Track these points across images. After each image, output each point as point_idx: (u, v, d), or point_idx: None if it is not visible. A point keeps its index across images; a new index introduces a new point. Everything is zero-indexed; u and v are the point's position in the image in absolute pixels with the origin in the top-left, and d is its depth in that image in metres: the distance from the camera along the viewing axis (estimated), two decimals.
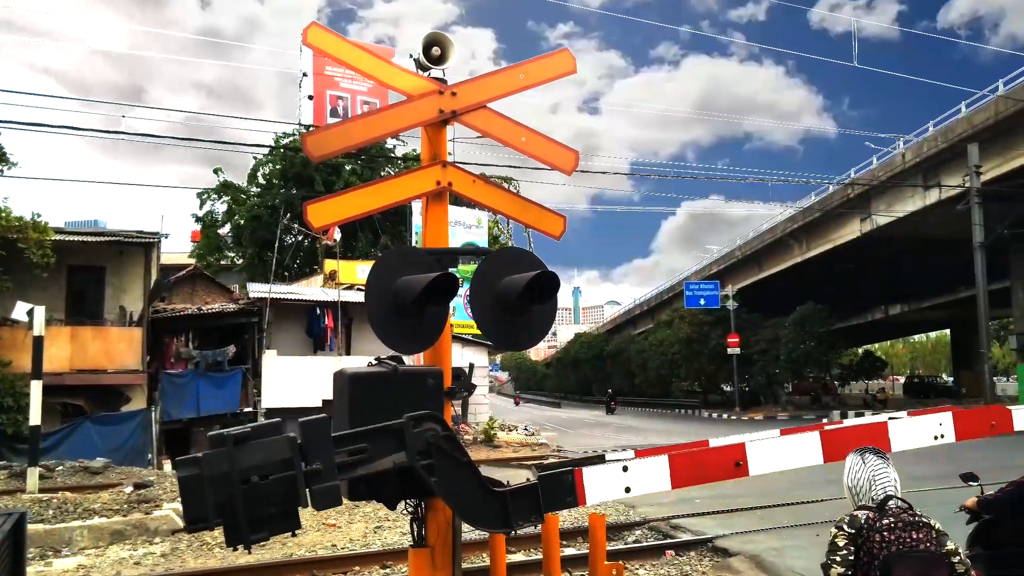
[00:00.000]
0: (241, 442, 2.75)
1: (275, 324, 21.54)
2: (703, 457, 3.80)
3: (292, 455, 2.81)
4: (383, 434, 3.07)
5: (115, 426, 18.40)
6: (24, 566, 4.00)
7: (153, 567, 8.46)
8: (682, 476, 3.66)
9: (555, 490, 3.45)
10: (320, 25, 4.12)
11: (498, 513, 3.29)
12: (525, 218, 4.51)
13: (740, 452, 3.79)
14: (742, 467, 3.77)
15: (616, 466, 3.59)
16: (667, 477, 3.63)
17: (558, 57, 4.48)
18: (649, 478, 3.62)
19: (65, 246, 18.32)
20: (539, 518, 3.43)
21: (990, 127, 25.74)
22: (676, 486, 3.65)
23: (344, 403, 3.41)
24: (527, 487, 3.36)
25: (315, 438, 2.89)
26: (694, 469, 3.71)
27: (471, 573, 6.84)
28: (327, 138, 3.86)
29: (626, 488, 3.56)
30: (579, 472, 3.49)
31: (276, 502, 2.78)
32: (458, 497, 3.24)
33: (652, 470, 3.63)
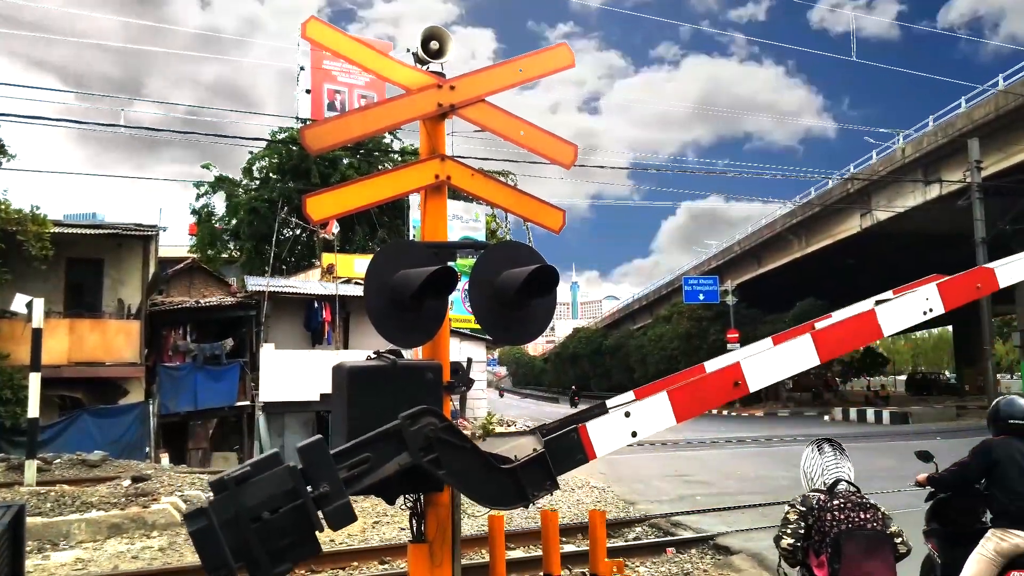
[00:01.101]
0: (242, 482, 2.74)
1: (273, 317, 21.52)
2: (702, 385, 3.73)
3: (296, 483, 2.81)
4: (382, 439, 3.06)
5: (113, 419, 18.41)
6: (23, 559, 3.98)
7: (151, 561, 8.45)
8: (684, 409, 3.63)
9: (563, 452, 3.44)
10: (319, 19, 4.09)
11: (512, 489, 3.29)
12: (524, 211, 4.48)
13: (736, 372, 3.74)
14: (741, 386, 3.73)
15: (618, 414, 3.56)
16: (670, 413, 3.60)
17: (556, 52, 4.45)
18: (653, 418, 3.59)
19: (63, 239, 18.29)
20: (553, 484, 3.40)
21: (990, 122, 25.70)
22: (681, 419, 3.62)
23: (342, 397, 3.39)
24: (535, 457, 3.34)
25: (315, 460, 2.88)
26: (695, 399, 3.68)
27: (470, 569, 6.83)
28: (325, 131, 3.83)
29: (632, 432, 3.54)
30: (583, 428, 3.48)
31: (291, 532, 2.79)
32: (470, 483, 3.25)
33: (654, 410, 3.60)
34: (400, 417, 3.08)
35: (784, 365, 3.85)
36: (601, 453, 3.48)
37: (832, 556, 3.19)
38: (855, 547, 3.17)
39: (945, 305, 4.16)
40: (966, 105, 27.27)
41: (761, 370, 3.77)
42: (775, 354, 3.89)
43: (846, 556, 3.15)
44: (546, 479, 3.36)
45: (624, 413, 3.56)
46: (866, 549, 3.17)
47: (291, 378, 20.02)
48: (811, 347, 3.87)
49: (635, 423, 3.54)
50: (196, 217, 35.80)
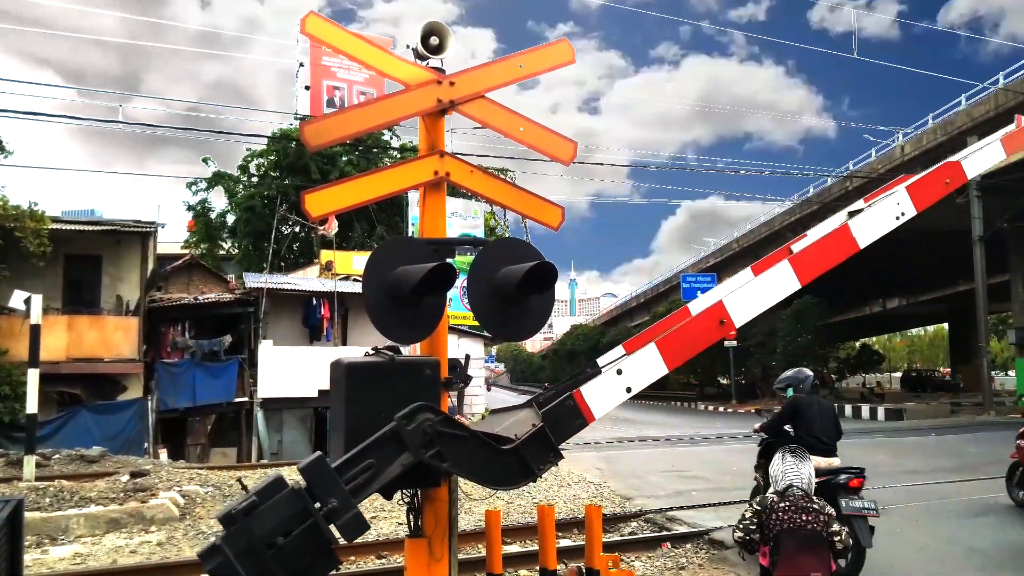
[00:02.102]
0: (250, 512, 2.78)
1: (271, 314, 21.53)
2: (688, 329, 3.73)
3: (304, 504, 2.86)
4: (382, 442, 3.09)
5: (111, 415, 18.43)
6: (22, 553, 3.99)
7: (149, 555, 8.47)
8: (674, 356, 3.64)
9: (562, 421, 3.47)
10: (318, 14, 4.10)
11: (517, 468, 3.34)
12: (523, 208, 4.49)
13: (720, 311, 3.74)
14: (726, 323, 3.74)
15: (611, 373, 3.59)
16: (661, 363, 3.62)
17: (557, 48, 4.46)
18: (645, 371, 3.61)
19: (62, 235, 18.29)
20: (556, 455, 3.46)
21: (990, 120, 25.73)
22: (672, 367, 3.66)
23: (341, 393, 3.41)
24: (535, 433, 3.38)
25: (319, 478, 2.92)
26: (683, 344, 3.68)
27: (467, 563, 6.85)
28: (325, 127, 3.84)
29: (627, 388, 3.57)
30: (578, 393, 3.51)
31: (308, 552, 2.84)
32: (475, 470, 3.30)
33: (645, 362, 3.61)
34: (396, 418, 3.10)
35: (766, 295, 3.84)
36: (599, 414, 3.52)
37: (773, 549, 3.78)
38: (792, 544, 3.72)
39: (917, 206, 4.17)
40: (966, 103, 27.29)
41: (744, 304, 3.78)
42: (756, 285, 3.87)
43: (783, 551, 3.73)
44: (549, 451, 3.42)
45: (616, 371, 3.58)
46: (802, 547, 3.71)
47: (289, 374, 20.04)
48: (790, 272, 3.87)
49: (628, 379, 3.56)
50: (193, 213, 35.76)
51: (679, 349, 3.65)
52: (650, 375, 3.61)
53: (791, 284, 3.87)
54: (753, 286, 3.87)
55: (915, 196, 4.17)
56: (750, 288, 3.85)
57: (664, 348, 3.61)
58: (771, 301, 3.85)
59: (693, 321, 3.80)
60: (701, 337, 3.72)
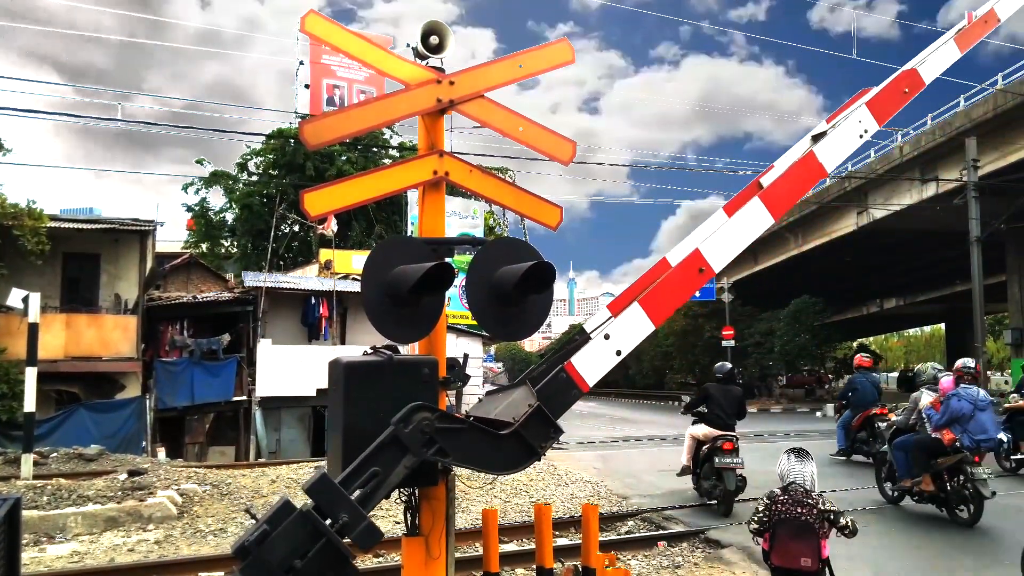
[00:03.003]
0: (263, 542, 2.81)
1: (270, 313, 21.52)
2: (668, 283, 3.73)
3: (314, 524, 2.88)
4: (383, 449, 3.12)
5: (109, 413, 18.42)
6: (19, 551, 4.00)
7: (147, 554, 8.47)
8: (659, 312, 3.65)
9: (557, 395, 3.50)
10: (318, 13, 4.10)
11: (520, 450, 3.38)
12: (521, 208, 4.50)
13: (698, 259, 3.75)
14: (706, 271, 3.75)
15: (599, 339, 3.61)
16: (646, 320, 3.63)
17: (557, 47, 4.46)
18: (632, 332, 3.63)
19: (60, 233, 18.27)
20: (557, 431, 3.48)
21: (988, 121, 25.74)
22: (659, 323, 3.68)
23: (339, 392, 3.42)
24: (532, 413, 3.41)
25: (325, 495, 2.95)
26: (666, 299, 3.69)
27: (464, 562, 6.86)
28: (324, 126, 3.84)
29: (617, 352, 3.59)
30: (569, 365, 3.53)
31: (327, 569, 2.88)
32: (479, 459, 3.33)
33: (631, 323, 3.62)
34: (392, 423, 3.12)
35: (742, 235, 3.85)
36: (592, 381, 3.55)
37: (771, 537, 4.36)
38: (785, 532, 4.29)
39: (878, 120, 4.17)
40: (964, 104, 27.30)
41: (721, 248, 3.79)
42: (730, 227, 3.88)
43: (778, 537, 4.31)
44: (549, 428, 3.44)
45: (604, 336, 3.60)
46: (794, 534, 4.27)
47: (288, 373, 20.04)
48: (762, 208, 3.87)
49: (617, 342, 3.58)
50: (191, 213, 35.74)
51: (663, 304, 3.66)
52: (638, 335, 3.63)
53: (764, 220, 3.88)
54: (728, 228, 3.87)
55: (876, 111, 4.16)
56: (725, 231, 3.86)
57: (648, 305, 3.63)
58: (747, 241, 3.87)
59: (673, 273, 3.80)
60: (683, 288, 3.74)
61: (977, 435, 8.66)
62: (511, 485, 12.04)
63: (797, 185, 4.00)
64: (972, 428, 8.67)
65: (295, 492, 11.56)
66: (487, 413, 3.80)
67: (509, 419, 3.45)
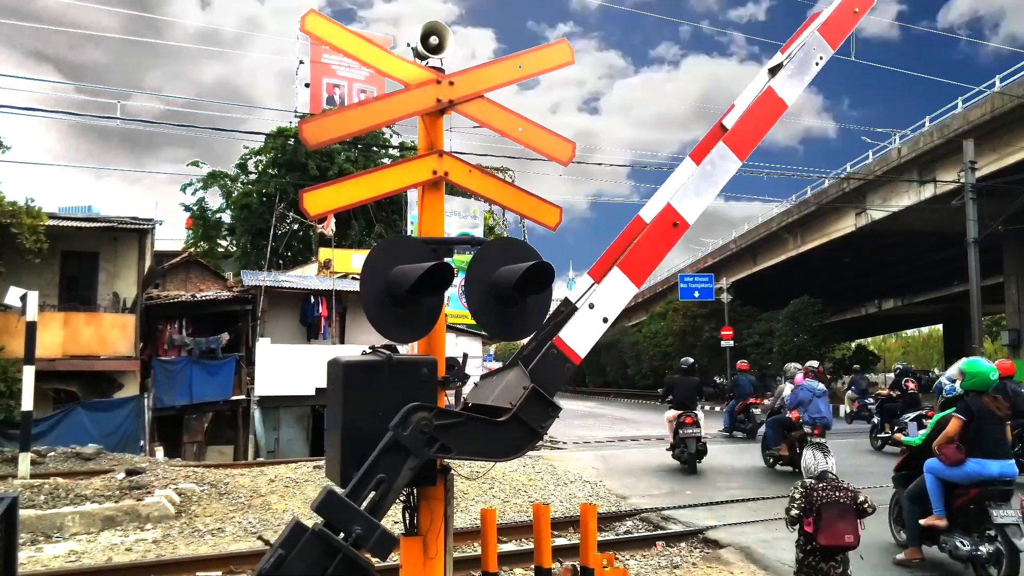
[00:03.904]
0: (279, 567, 2.84)
1: (269, 312, 21.51)
2: (645, 242, 3.73)
3: (328, 541, 2.90)
4: (385, 455, 3.13)
5: (107, 412, 18.39)
6: (16, 550, 4.00)
7: (145, 553, 8.46)
8: (639, 272, 3.66)
9: (551, 373, 3.52)
10: (319, 13, 4.10)
11: (521, 433, 3.42)
12: (521, 208, 4.50)
13: (671, 213, 3.75)
14: (680, 224, 3.76)
15: (584, 309, 3.63)
16: (628, 283, 3.66)
17: (556, 48, 4.47)
18: (616, 297, 3.65)
19: (59, 232, 18.25)
20: (555, 409, 3.50)
21: (986, 123, 25.75)
22: (640, 283, 3.70)
23: (338, 391, 3.42)
24: (528, 395, 3.43)
25: (334, 510, 2.97)
26: (645, 259, 3.70)
27: (463, 562, 6.87)
28: (325, 125, 3.85)
29: (603, 319, 3.60)
30: (558, 340, 3.55)
31: None
32: (482, 448, 3.37)
33: (614, 288, 3.64)
34: (391, 428, 3.14)
35: (711, 183, 3.85)
36: (583, 352, 3.58)
37: (816, 519, 4.83)
38: (831, 513, 4.80)
39: (832, 44, 4.16)
40: (962, 106, 27.32)
41: (692, 200, 3.79)
42: (698, 176, 3.87)
43: (824, 519, 4.80)
44: (547, 407, 3.48)
45: (588, 306, 3.61)
46: (838, 515, 4.80)
47: (286, 372, 20.03)
48: (729, 152, 3.87)
49: (602, 310, 3.60)
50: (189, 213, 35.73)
51: (642, 264, 3.68)
52: (622, 299, 3.65)
53: (732, 164, 3.88)
54: (696, 178, 3.87)
55: (828, 35, 4.15)
56: (694, 181, 3.85)
57: (627, 268, 3.64)
58: (717, 188, 3.86)
59: (648, 232, 3.80)
60: (659, 245, 3.75)
61: (813, 415, 12.14)
62: (510, 485, 12.04)
63: (760, 123, 3.99)
64: (811, 410, 12.16)
65: (293, 492, 11.55)
66: (484, 398, 3.81)
67: (506, 404, 3.47)
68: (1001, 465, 6.67)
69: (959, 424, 6.74)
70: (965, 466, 6.70)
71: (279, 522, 9.92)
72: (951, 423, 6.83)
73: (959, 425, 6.73)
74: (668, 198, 3.91)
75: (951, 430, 6.78)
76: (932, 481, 6.98)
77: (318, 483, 11.98)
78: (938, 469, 6.92)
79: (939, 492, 6.96)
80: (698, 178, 3.86)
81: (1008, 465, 6.72)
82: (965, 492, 6.79)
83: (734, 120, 4.34)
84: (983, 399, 6.85)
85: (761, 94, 4.10)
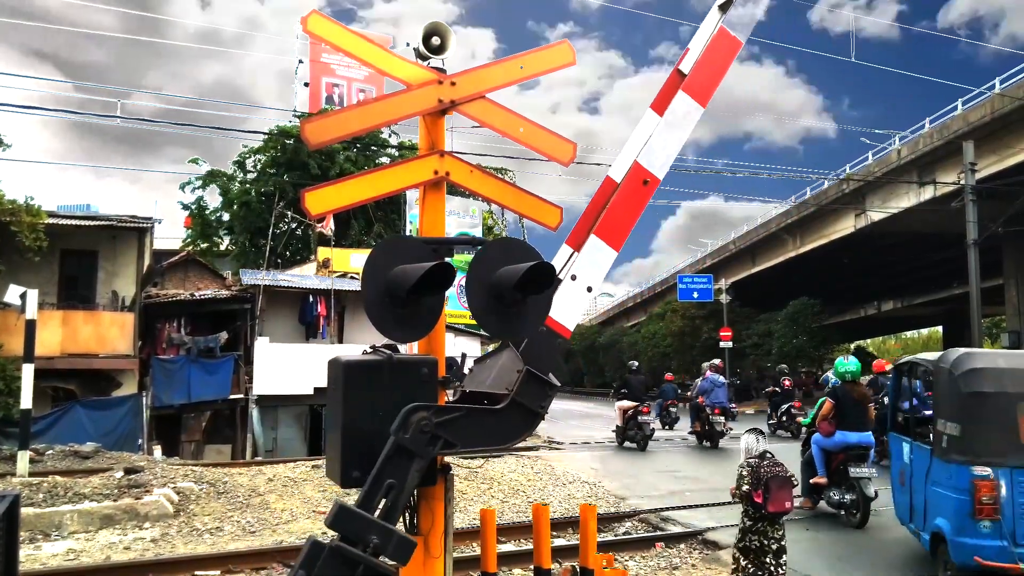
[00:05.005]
0: None
1: (268, 311, 21.50)
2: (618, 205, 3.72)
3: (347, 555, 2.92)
4: (391, 461, 3.14)
5: (106, 411, 18.36)
6: (18, 548, 4.00)
7: (143, 552, 8.46)
8: (616, 235, 3.65)
9: (542, 351, 3.54)
10: (321, 13, 4.10)
11: (522, 416, 3.45)
12: (522, 208, 4.50)
13: (639, 171, 3.74)
14: (651, 180, 3.75)
15: (567, 282, 3.66)
16: (607, 249, 3.67)
17: (558, 49, 4.46)
18: (596, 264, 3.67)
19: (58, 230, 18.23)
20: (553, 388, 3.52)
21: (986, 124, 25.77)
22: (619, 246, 3.71)
23: (339, 391, 3.42)
24: (523, 378, 3.45)
25: (348, 523, 2.98)
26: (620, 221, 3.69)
27: (462, 562, 6.86)
28: (326, 125, 3.85)
29: (587, 288, 3.61)
30: (548, 318, 3.57)
31: None
32: (485, 438, 3.40)
33: (593, 256, 3.66)
34: (392, 433, 3.14)
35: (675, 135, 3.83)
36: (572, 325, 3.63)
37: (764, 490, 5.58)
38: (776, 484, 5.58)
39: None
40: (962, 107, 27.33)
41: (659, 154, 3.78)
42: (662, 129, 3.84)
43: (772, 489, 5.56)
44: (544, 387, 3.51)
45: (571, 277, 3.61)
46: (781, 485, 5.60)
47: (285, 372, 20.02)
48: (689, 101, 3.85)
49: (585, 279, 3.62)
50: (188, 211, 35.71)
51: (618, 228, 3.67)
52: (603, 266, 3.65)
53: (694, 112, 3.85)
54: (660, 131, 3.84)
55: None
56: (658, 135, 3.84)
57: (604, 233, 3.64)
58: (683, 138, 3.83)
59: (619, 194, 3.79)
60: (632, 206, 3.74)
61: (713, 400, 17.52)
62: (508, 485, 12.05)
63: (717, 65, 3.96)
64: (711, 397, 17.59)
65: (292, 491, 11.54)
66: (480, 385, 3.82)
67: (503, 389, 3.50)
68: (859, 436, 9.12)
69: (829, 405, 9.34)
70: (835, 437, 9.24)
71: (277, 521, 9.92)
72: (824, 405, 9.45)
73: (829, 406, 9.34)
74: (635, 156, 3.88)
75: (823, 411, 9.39)
76: (816, 450, 9.54)
77: (316, 482, 11.97)
78: (818, 440, 9.48)
79: (821, 458, 9.45)
80: (662, 131, 3.83)
81: (865, 436, 9.15)
82: (837, 457, 9.27)
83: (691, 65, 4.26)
84: (847, 387, 9.36)
85: (715, 35, 4.06)
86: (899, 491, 7.76)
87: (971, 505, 5.97)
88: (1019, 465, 5.98)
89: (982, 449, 6.11)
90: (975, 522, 5.96)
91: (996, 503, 5.93)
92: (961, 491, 6.07)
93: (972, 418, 6.26)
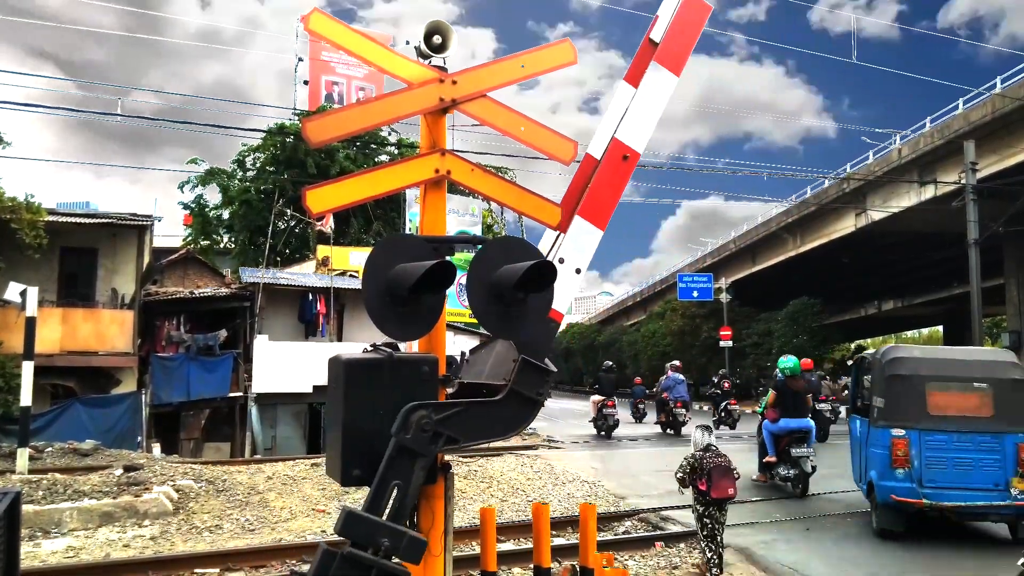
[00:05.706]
0: None
1: (267, 309, 21.49)
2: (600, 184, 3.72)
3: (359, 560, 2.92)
4: (394, 462, 3.14)
5: (105, 408, 18.37)
6: (19, 545, 4.00)
7: (143, 549, 8.47)
8: (601, 214, 3.66)
9: (539, 340, 3.55)
10: (323, 12, 4.09)
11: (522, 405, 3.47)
12: (523, 207, 4.48)
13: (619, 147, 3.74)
14: (631, 156, 3.76)
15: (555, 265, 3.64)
16: (593, 228, 3.69)
17: (559, 48, 4.45)
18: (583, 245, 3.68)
19: (58, 228, 18.23)
20: (549, 372, 3.54)
21: (987, 124, 25.75)
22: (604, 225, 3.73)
23: (339, 389, 3.42)
24: (519, 367, 3.46)
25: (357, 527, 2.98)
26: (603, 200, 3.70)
27: (462, 561, 6.87)
28: (327, 123, 3.84)
29: (576, 270, 3.61)
30: None
31: None
32: (487, 430, 3.42)
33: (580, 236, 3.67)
34: (393, 435, 3.14)
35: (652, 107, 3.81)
36: (564, 308, 3.66)
37: (707, 479, 6.42)
38: (718, 473, 6.43)
39: None
40: (963, 107, 27.31)
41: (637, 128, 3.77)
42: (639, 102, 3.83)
43: (714, 478, 6.41)
44: (541, 373, 3.52)
45: (558, 260, 3.61)
46: (722, 474, 6.44)
47: (284, 370, 20.01)
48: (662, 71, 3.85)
49: (573, 261, 3.63)
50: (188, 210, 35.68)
51: (601, 207, 3.67)
52: (589, 246, 3.66)
53: (669, 82, 3.82)
54: (636, 105, 3.83)
55: None
56: (635, 109, 3.82)
57: (588, 213, 3.63)
58: (659, 111, 3.81)
59: (600, 172, 3.79)
60: (614, 183, 3.75)
61: (675, 395, 20.47)
62: (508, 484, 12.05)
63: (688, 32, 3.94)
64: (673, 392, 20.54)
65: (291, 489, 11.55)
66: (478, 376, 3.82)
67: (500, 380, 3.52)
68: (798, 422, 11.15)
69: (774, 395, 11.44)
70: (779, 423, 11.23)
71: (276, 519, 9.92)
72: (770, 396, 11.53)
73: (773, 396, 11.42)
74: (613, 131, 3.86)
75: (770, 400, 11.47)
76: (766, 434, 11.54)
77: (315, 480, 11.97)
78: (767, 426, 11.48)
79: (771, 441, 11.44)
80: (638, 105, 3.81)
81: (804, 421, 11.22)
82: (783, 439, 11.18)
83: (662, 33, 4.23)
84: (788, 381, 11.33)
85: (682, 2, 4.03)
86: (854, 458, 9.77)
87: (890, 458, 8.06)
88: (925, 428, 8.04)
89: (899, 416, 8.21)
90: (893, 470, 8.05)
91: (907, 456, 8.01)
92: (884, 447, 8.17)
93: (893, 394, 8.38)
